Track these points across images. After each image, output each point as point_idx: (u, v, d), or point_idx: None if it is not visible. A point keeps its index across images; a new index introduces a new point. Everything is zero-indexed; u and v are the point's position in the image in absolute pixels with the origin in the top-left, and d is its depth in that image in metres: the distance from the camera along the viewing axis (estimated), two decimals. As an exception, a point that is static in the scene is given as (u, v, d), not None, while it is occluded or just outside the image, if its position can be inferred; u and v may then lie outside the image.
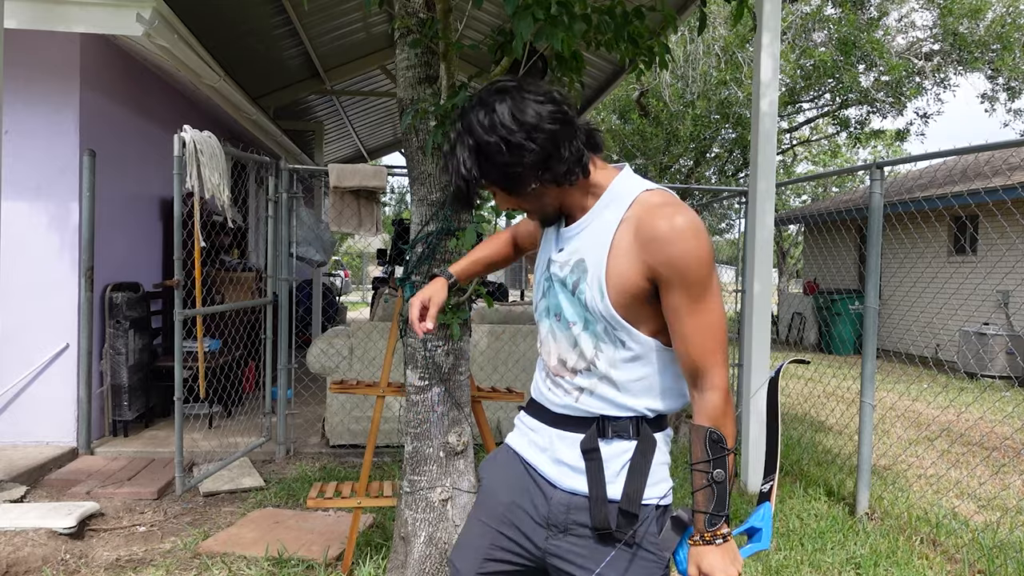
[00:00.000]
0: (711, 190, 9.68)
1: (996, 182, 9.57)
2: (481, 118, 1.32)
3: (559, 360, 1.45)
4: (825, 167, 20.51)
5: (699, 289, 1.30)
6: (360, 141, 13.96)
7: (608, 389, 1.39)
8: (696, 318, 1.31)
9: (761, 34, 4.35)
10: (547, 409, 1.47)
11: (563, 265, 1.42)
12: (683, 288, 1.30)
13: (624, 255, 1.33)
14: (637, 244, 1.32)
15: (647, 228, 1.31)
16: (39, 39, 4.61)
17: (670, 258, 1.29)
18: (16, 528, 3.35)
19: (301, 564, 3.19)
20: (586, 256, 1.38)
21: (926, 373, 9.84)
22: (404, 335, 2.67)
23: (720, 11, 11.93)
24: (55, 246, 4.74)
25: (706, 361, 1.32)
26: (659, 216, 1.31)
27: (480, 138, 1.32)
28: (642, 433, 1.38)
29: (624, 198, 1.37)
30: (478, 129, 1.32)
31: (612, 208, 1.38)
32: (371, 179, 4.72)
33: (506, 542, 1.47)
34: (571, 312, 1.41)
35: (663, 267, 1.29)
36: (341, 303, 12.28)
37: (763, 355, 4.51)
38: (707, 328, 1.32)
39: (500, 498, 1.50)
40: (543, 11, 2.00)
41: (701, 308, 1.31)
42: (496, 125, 1.31)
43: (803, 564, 3.33)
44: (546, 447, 1.46)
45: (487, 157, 1.32)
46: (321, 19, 7.62)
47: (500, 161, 1.32)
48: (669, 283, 1.31)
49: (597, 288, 1.35)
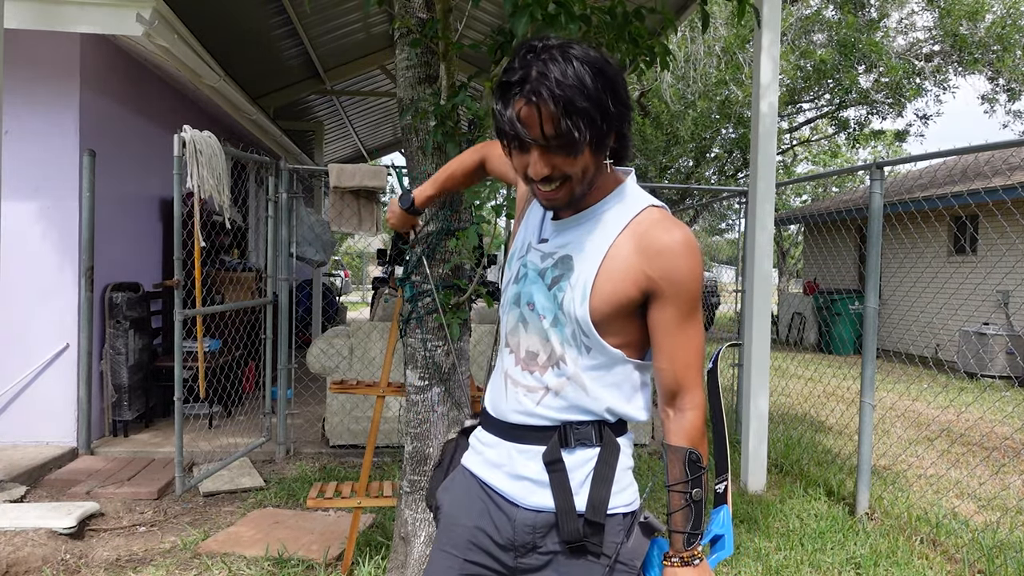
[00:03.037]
0: (711, 190, 9.70)
1: (996, 182, 9.57)
2: (591, 51, 1.22)
3: (528, 352, 1.36)
4: (825, 167, 20.51)
5: (690, 307, 1.30)
6: (360, 141, 13.97)
7: (572, 391, 1.32)
8: (683, 335, 1.31)
9: (761, 35, 4.35)
10: (503, 422, 1.38)
11: (545, 257, 1.36)
12: (676, 303, 1.29)
13: (621, 263, 1.28)
14: (639, 254, 1.28)
15: (654, 240, 1.28)
16: (39, 39, 4.61)
17: (672, 272, 1.27)
18: (16, 528, 3.35)
19: (301, 564, 3.19)
20: (575, 254, 1.32)
21: (926, 373, 9.84)
22: (404, 335, 2.67)
23: (720, 11, 11.93)
24: (55, 246, 4.74)
25: (688, 379, 1.32)
26: (666, 231, 1.28)
27: (604, 65, 1.21)
28: (605, 438, 1.33)
29: (631, 207, 1.32)
30: (595, 55, 1.21)
31: (615, 213, 1.33)
32: (371, 179, 4.72)
33: (475, 568, 1.38)
34: (543, 306, 1.34)
35: (663, 280, 1.27)
36: (341, 303, 12.28)
37: (763, 355, 4.51)
38: (692, 346, 1.32)
39: (462, 522, 1.41)
40: (541, 11, 2.00)
41: (688, 326, 1.31)
42: (612, 62, 1.24)
43: (803, 564, 3.33)
44: (503, 463, 1.37)
45: (611, 88, 1.21)
46: (321, 19, 7.63)
47: (621, 98, 1.23)
48: (664, 297, 1.28)
49: (580, 291, 1.29)
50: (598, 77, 1.19)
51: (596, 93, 1.19)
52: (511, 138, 1.24)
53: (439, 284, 2.58)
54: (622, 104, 1.24)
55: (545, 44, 1.22)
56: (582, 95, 1.17)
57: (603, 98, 1.20)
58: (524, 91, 1.18)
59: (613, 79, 1.22)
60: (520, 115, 1.20)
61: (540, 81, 1.17)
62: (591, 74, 1.19)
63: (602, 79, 1.20)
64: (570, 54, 1.19)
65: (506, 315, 1.42)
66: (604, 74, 1.20)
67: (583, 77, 1.18)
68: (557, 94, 1.16)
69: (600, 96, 1.19)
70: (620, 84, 1.23)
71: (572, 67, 1.18)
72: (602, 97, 1.19)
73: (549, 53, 1.19)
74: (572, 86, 1.17)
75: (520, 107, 1.19)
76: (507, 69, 1.23)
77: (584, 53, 1.21)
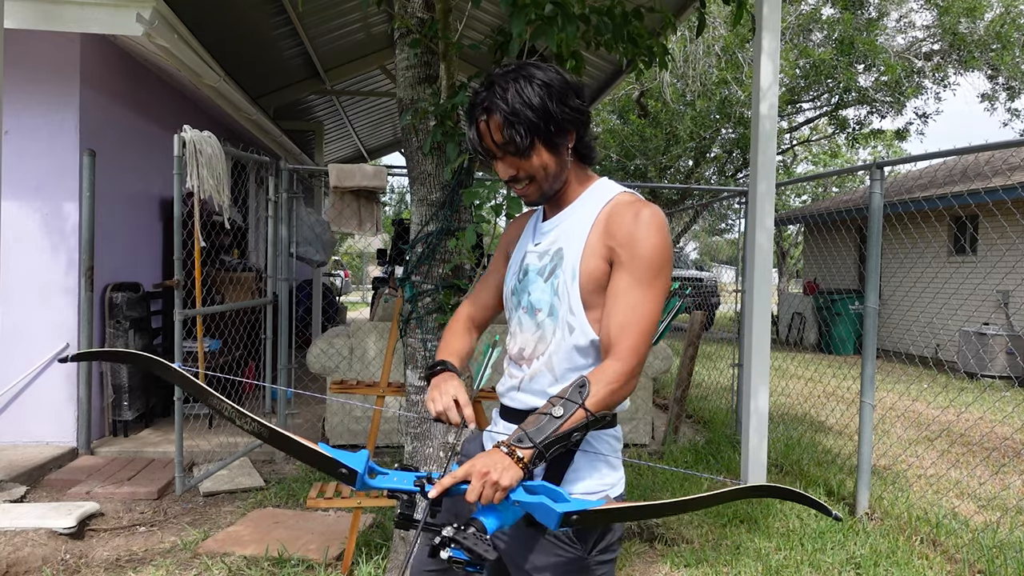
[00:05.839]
0: (711, 190, 9.70)
1: (996, 182, 9.56)
2: (544, 69, 1.41)
3: (519, 349, 1.53)
4: (825, 167, 20.51)
5: (644, 274, 1.37)
6: (360, 141, 13.96)
7: (544, 378, 1.46)
8: (629, 298, 1.37)
9: (761, 36, 4.35)
10: (501, 404, 1.57)
11: (541, 255, 1.51)
12: (630, 269, 1.37)
13: (595, 242, 1.42)
14: (604, 230, 1.42)
15: (616, 215, 1.43)
16: (39, 39, 4.61)
17: (627, 238, 1.38)
18: (16, 528, 3.35)
19: (301, 564, 3.19)
20: (564, 245, 1.47)
21: (926, 373, 9.83)
22: (404, 335, 2.67)
23: (720, 11, 11.92)
24: (55, 246, 4.74)
25: (622, 336, 1.35)
26: (629, 207, 1.43)
27: (553, 79, 1.40)
28: None
29: (602, 197, 1.49)
30: (549, 73, 1.41)
31: (590, 204, 1.48)
32: (371, 179, 4.73)
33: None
34: (540, 299, 1.48)
35: (619, 247, 1.39)
36: (341, 303, 12.28)
37: (763, 355, 4.51)
38: (635, 311, 1.36)
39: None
40: (538, 11, 2.01)
41: (638, 293, 1.37)
42: (564, 76, 1.42)
43: (803, 564, 3.33)
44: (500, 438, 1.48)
45: (559, 98, 1.39)
46: (321, 19, 7.63)
47: (570, 104, 1.41)
48: (619, 262, 1.39)
49: (570, 272, 1.43)
50: (543, 88, 1.38)
51: (540, 102, 1.37)
52: (478, 152, 1.46)
53: (439, 284, 2.58)
54: (572, 110, 1.42)
55: (503, 71, 1.43)
56: (524, 106, 1.36)
57: (547, 106, 1.38)
58: (478, 111, 1.42)
59: (561, 90, 1.40)
60: (478, 131, 1.43)
61: (489, 100, 1.39)
62: (537, 87, 1.38)
63: (546, 90, 1.39)
64: (520, 74, 1.40)
65: (509, 321, 1.60)
66: (550, 86, 1.39)
67: (525, 91, 1.37)
68: (501, 108, 1.37)
69: (544, 104, 1.37)
70: (568, 94, 1.42)
71: (518, 85, 1.38)
72: (546, 105, 1.38)
73: (503, 78, 1.40)
74: (514, 100, 1.37)
75: (478, 125, 1.43)
76: (473, 93, 1.47)
77: (536, 72, 1.40)
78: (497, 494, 1.20)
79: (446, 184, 2.56)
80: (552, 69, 1.43)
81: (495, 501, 1.20)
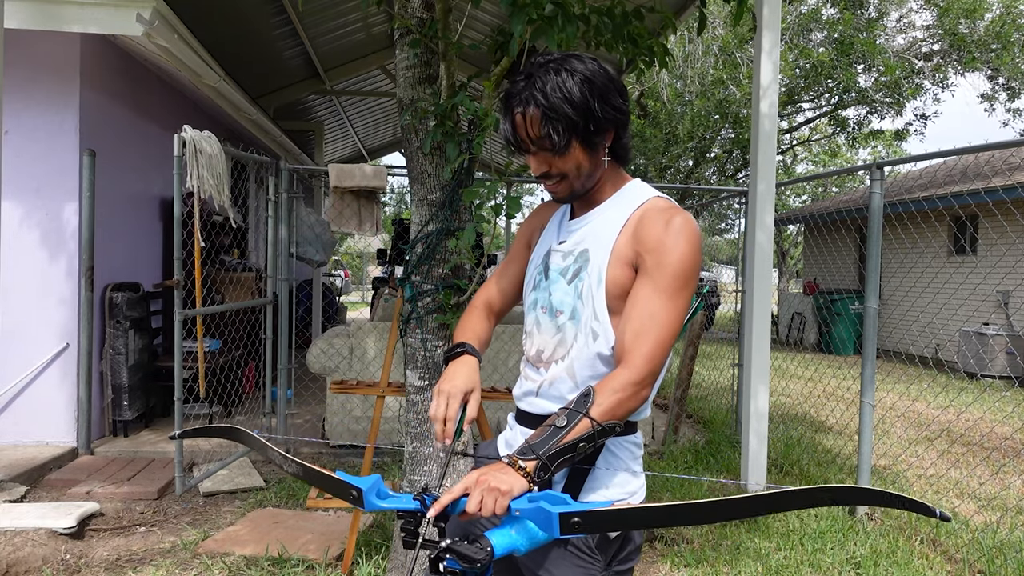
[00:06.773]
0: (711, 190, 9.70)
1: (996, 182, 9.57)
2: (586, 62, 1.34)
3: (538, 350, 1.47)
4: (825, 167, 20.51)
5: (668, 283, 1.30)
6: (360, 141, 13.96)
7: (563, 384, 1.40)
8: (650, 306, 1.30)
9: (761, 37, 4.35)
10: (517, 409, 1.52)
11: (566, 255, 1.44)
12: (654, 276, 1.31)
13: (623, 246, 1.37)
14: (634, 234, 1.36)
15: (647, 220, 1.36)
16: (39, 39, 4.61)
17: (655, 244, 1.32)
18: (16, 528, 3.35)
19: (301, 564, 3.19)
20: (590, 247, 1.41)
21: (926, 373, 9.83)
22: (404, 335, 2.67)
23: (719, 11, 11.92)
24: (55, 246, 4.74)
25: (637, 344, 1.28)
26: (662, 213, 1.36)
27: (596, 74, 1.33)
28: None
29: (635, 200, 1.42)
30: (592, 66, 1.33)
31: (622, 206, 1.42)
32: (371, 179, 4.73)
33: None
34: (561, 301, 1.42)
35: (647, 252, 1.33)
36: (341, 303, 12.29)
37: (763, 355, 4.51)
38: (654, 319, 1.29)
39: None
40: (538, 11, 2.01)
41: (659, 303, 1.30)
42: (607, 71, 1.35)
43: (803, 564, 3.33)
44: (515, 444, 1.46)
45: (600, 95, 1.33)
46: (321, 19, 7.63)
47: (613, 103, 1.34)
48: (644, 268, 1.33)
49: (596, 276, 1.37)
50: (585, 84, 1.31)
51: (581, 99, 1.30)
52: (510, 143, 1.38)
53: (439, 284, 2.58)
54: (613, 108, 1.35)
55: (545, 59, 1.35)
56: (564, 102, 1.29)
57: (588, 103, 1.31)
58: (515, 102, 1.34)
59: (603, 86, 1.33)
60: (514, 123, 1.35)
61: (528, 92, 1.32)
62: (579, 83, 1.31)
63: (589, 86, 1.32)
64: (563, 66, 1.32)
65: (525, 319, 1.54)
66: (592, 82, 1.32)
67: (566, 85, 1.30)
68: (540, 102, 1.30)
69: (585, 101, 1.31)
70: (611, 91, 1.35)
71: (560, 77, 1.31)
72: (587, 102, 1.31)
73: (542, 69, 1.33)
74: (554, 95, 1.30)
75: (513, 116, 1.35)
76: (510, 82, 1.38)
77: (578, 65, 1.33)
78: (499, 500, 1.14)
79: (446, 184, 2.56)
80: (595, 62, 1.35)
81: (497, 511, 1.14)
